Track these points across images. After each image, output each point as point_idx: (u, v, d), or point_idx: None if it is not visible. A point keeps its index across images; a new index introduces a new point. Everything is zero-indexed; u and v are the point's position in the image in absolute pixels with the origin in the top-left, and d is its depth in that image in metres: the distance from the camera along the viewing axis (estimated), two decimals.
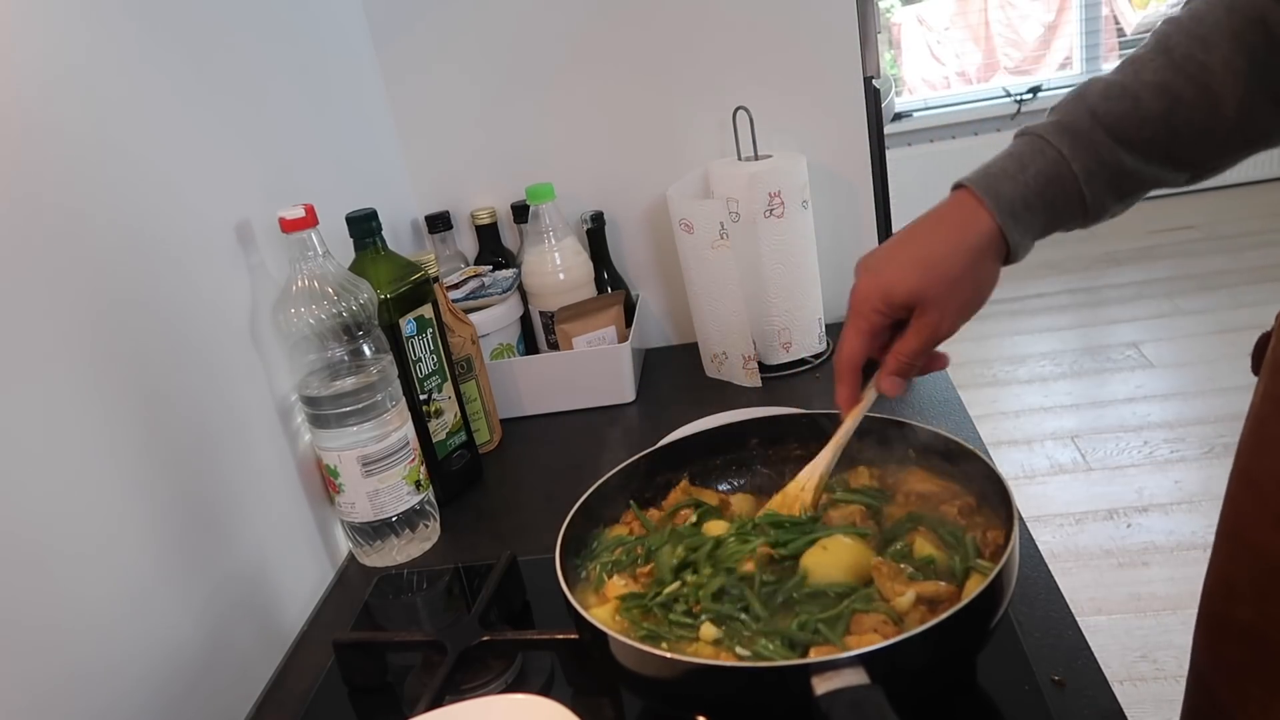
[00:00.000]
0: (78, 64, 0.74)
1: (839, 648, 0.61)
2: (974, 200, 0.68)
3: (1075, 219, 0.70)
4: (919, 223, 0.72)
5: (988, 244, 0.69)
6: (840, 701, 0.54)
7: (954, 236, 0.69)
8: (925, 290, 0.68)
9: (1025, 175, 0.68)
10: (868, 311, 0.70)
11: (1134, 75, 0.68)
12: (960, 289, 0.69)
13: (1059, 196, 0.68)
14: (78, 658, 0.67)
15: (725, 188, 1.20)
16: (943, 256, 0.68)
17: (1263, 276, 3.54)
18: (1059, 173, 0.68)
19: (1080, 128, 0.67)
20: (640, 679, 0.65)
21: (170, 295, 0.82)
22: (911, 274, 0.68)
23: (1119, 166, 0.68)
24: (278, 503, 0.94)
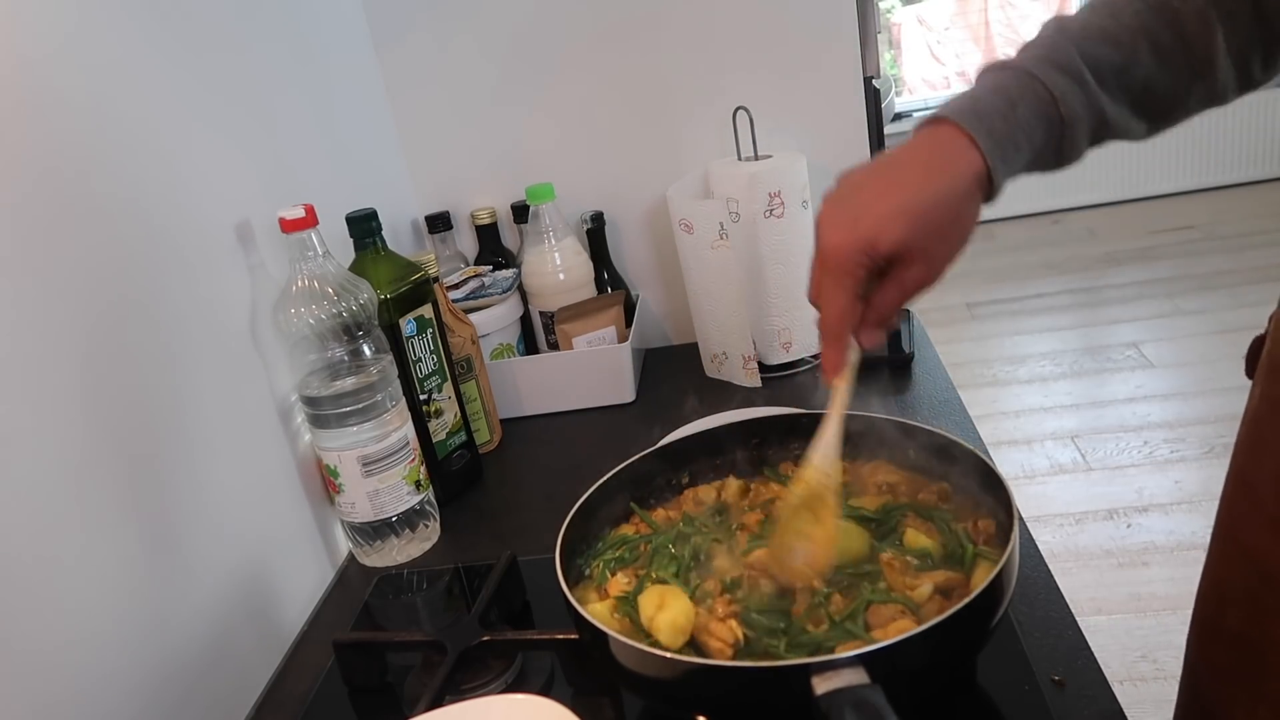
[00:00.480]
0: (79, 64, 0.74)
1: (865, 641, 0.61)
2: (963, 138, 0.63)
3: (1049, 163, 0.67)
4: (890, 164, 0.66)
5: (974, 186, 0.63)
6: (840, 701, 0.54)
7: (941, 180, 0.63)
8: (914, 242, 0.63)
9: (1016, 113, 0.63)
10: (852, 268, 0.63)
11: (1113, 18, 0.65)
12: (949, 238, 0.64)
13: (1042, 139, 0.65)
14: (77, 658, 0.67)
15: (725, 188, 1.20)
16: (931, 204, 0.63)
17: (1263, 276, 3.54)
18: (1048, 114, 0.64)
19: (1071, 66, 0.64)
20: (640, 679, 0.65)
21: (170, 295, 0.82)
22: (897, 224, 0.62)
23: (1100, 112, 0.65)
24: (278, 503, 0.94)
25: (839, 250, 0.63)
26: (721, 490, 0.83)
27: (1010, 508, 0.67)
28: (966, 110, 0.64)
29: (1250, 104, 4.23)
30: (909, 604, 0.64)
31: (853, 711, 0.53)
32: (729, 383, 1.26)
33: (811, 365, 1.27)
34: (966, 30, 4.62)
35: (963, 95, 0.66)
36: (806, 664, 0.56)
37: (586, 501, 0.78)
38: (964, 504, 0.74)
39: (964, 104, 0.64)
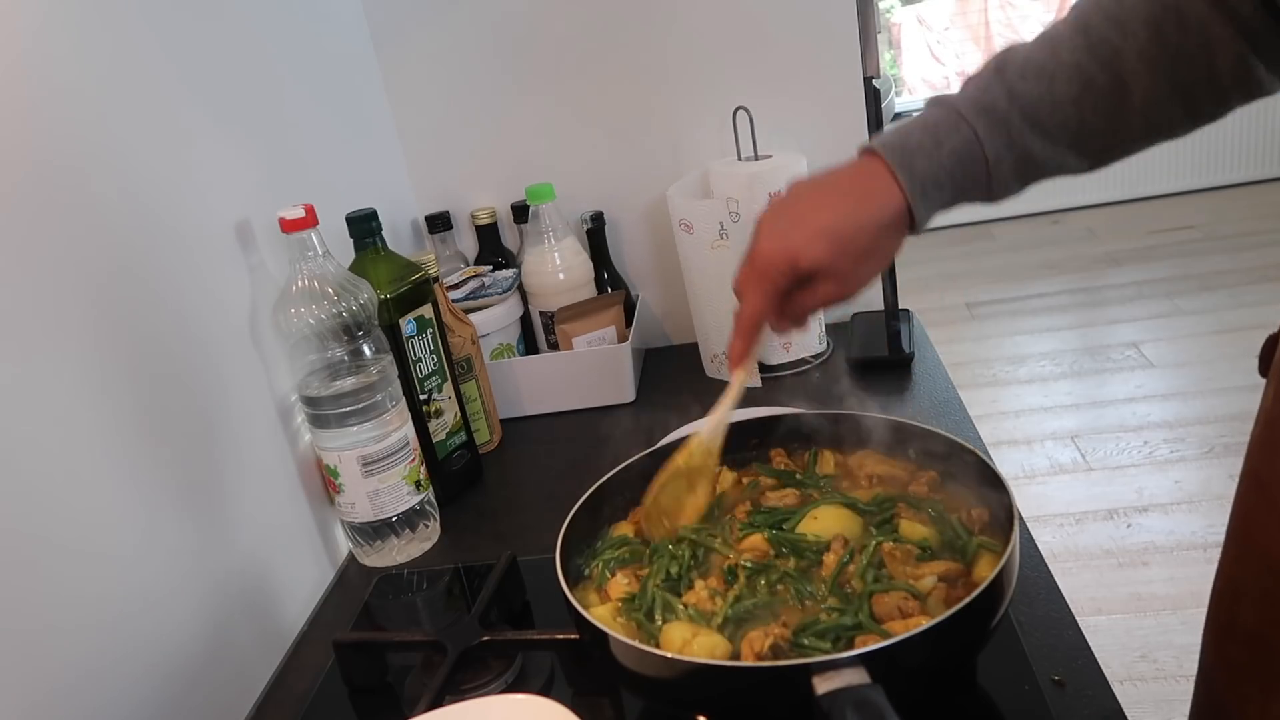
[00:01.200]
0: (79, 65, 0.74)
1: (879, 635, 0.61)
2: (887, 173, 0.68)
3: (978, 197, 0.70)
4: (827, 185, 0.71)
5: (896, 219, 0.68)
6: (841, 701, 0.54)
7: (864, 211, 0.68)
8: (833, 262, 0.68)
9: (940, 153, 0.67)
10: (774, 275, 0.69)
11: (1051, 54, 0.67)
12: (865, 263, 0.69)
13: (967, 176, 0.68)
14: (77, 658, 0.67)
15: (725, 188, 1.20)
16: (854, 231, 0.68)
17: (1263, 276, 3.54)
18: (971, 153, 0.67)
19: (998, 108, 0.67)
20: (640, 679, 0.65)
21: (170, 295, 0.82)
22: (819, 245, 0.68)
23: (1027, 152, 0.68)
24: (278, 503, 0.94)
25: (765, 257, 0.70)
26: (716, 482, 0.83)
27: (1010, 507, 0.67)
28: (895, 146, 0.68)
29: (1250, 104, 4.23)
30: (914, 592, 0.65)
31: (854, 711, 0.53)
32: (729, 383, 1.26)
33: (812, 365, 1.27)
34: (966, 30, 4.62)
35: (900, 126, 0.70)
36: (807, 664, 0.56)
37: (587, 501, 0.78)
38: (955, 494, 0.75)
39: (896, 138, 0.69)
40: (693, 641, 0.64)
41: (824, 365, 1.27)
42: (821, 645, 0.62)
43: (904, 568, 0.68)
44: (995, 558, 0.65)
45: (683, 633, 0.65)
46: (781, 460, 0.85)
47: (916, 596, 0.64)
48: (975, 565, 0.68)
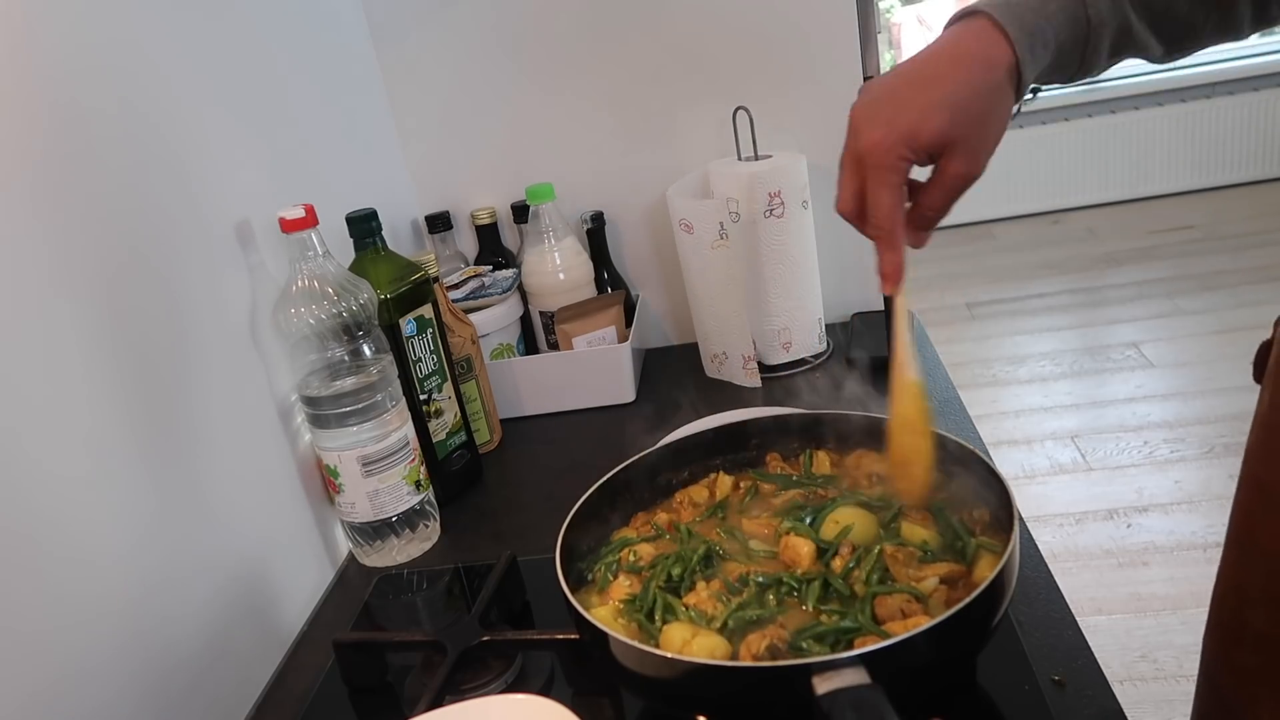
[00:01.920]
0: (76, 62, 0.74)
1: (879, 636, 0.61)
2: (995, 31, 0.63)
3: (1070, 69, 0.68)
4: (927, 60, 0.66)
5: (1008, 77, 0.64)
6: (841, 701, 0.54)
7: (976, 72, 0.63)
8: (954, 132, 0.63)
9: (1047, 9, 0.64)
10: (895, 161, 0.63)
11: None
12: (987, 127, 0.64)
13: (1069, 40, 0.65)
14: (77, 658, 0.67)
15: (725, 188, 1.20)
16: (969, 95, 0.63)
17: (1263, 276, 3.54)
18: (1077, 15, 0.64)
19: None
20: (640, 679, 0.65)
21: (170, 295, 0.81)
22: (937, 117, 0.62)
23: (1125, 21, 0.66)
24: (278, 503, 0.94)
25: (880, 146, 0.63)
26: (713, 488, 0.83)
27: (1010, 506, 0.67)
28: (1000, 2, 0.64)
29: (1250, 104, 4.24)
30: (916, 594, 0.65)
31: (853, 711, 0.53)
32: (729, 383, 1.26)
33: (812, 365, 1.27)
34: None
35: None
36: (808, 664, 0.56)
37: (588, 501, 0.78)
38: (957, 494, 0.75)
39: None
40: (692, 642, 0.64)
41: (824, 365, 1.27)
42: (819, 648, 0.62)
43: (905, 570, 0.68)
44: (995, 558, 0.65)
45: (682, 633, 0.65)
46: (777, 464, 0.85)
47: (918, 598, 0.64)
48: (976, 566, 0.68)
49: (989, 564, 0.66)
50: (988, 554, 0.68)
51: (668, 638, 0.65)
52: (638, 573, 0.74)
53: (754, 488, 0.82)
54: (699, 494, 0.83)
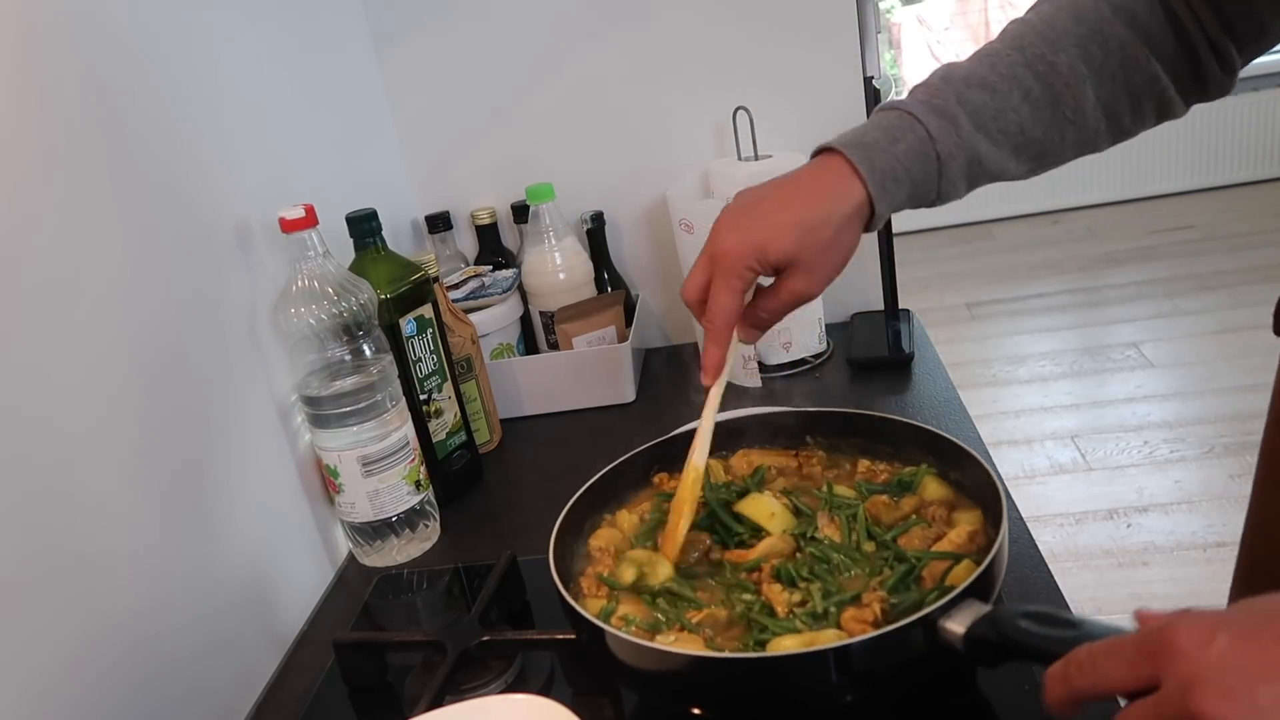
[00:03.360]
0: (81, 63, 0.74)
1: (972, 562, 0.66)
2: (848, 168, 0.69)
3: (928, 198, 0.73)
4: (788, 184, 0.72)
5: (857, 211, 0.70)
6: (985, 629, 0.56)
7: (828, 202, 0.69)
8: (800, 253, 0.69)
9: (896, 149, 0.70)
10: (741, 269, 0.70)
11: (991, 68, 0.72)
12: (831, 254, 0.70)
13: (920, 174, 0.70)
14: (77, 658, 0.67)
15: (725, 188, 1.20)
16: (818, 221, 0.69)
17: (1263, 276, 3.54)
18: (924, 152, 0.70)
19: (948, 110, 0.70)
20: (637, 673, 0.65)
21: (169, 295, 0.81)
22: (787, 236, 0.68)
23: (975, 153, 0.71)
24: (278, 503, 0.94)
25: (732, 253, 0.69)
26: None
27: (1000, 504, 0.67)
28: (854, 143, 0.70)
29: (1250, 104, 4.23)
30: (955, 556, 0.68)
31: (1026, 620, 0.54)
32: (729, 383, 1.26)
33: (812, 365, 1.27)
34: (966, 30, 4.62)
35: (854, 129, 0.72)
36: (928, 613, 0.57)
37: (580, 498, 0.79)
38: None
39: (853, 137, 0.71)
40: (816, 636, 0.64)
41: (824, 365, 1.27)
42: (929, 597, 0.64)
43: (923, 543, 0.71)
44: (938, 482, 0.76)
45: (792, 640, 0.64)
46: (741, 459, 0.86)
47: (957, 558, 0.68)
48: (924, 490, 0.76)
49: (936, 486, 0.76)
50: (930, 478, 0.76)
51: (779, 645, 0.65)
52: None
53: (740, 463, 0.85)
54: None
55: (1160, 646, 0.41)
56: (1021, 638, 0.54)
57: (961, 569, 0.66)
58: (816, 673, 0.59)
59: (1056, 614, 0.53)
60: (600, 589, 0.73)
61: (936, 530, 0.72)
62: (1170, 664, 0.41)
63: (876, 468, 0.81)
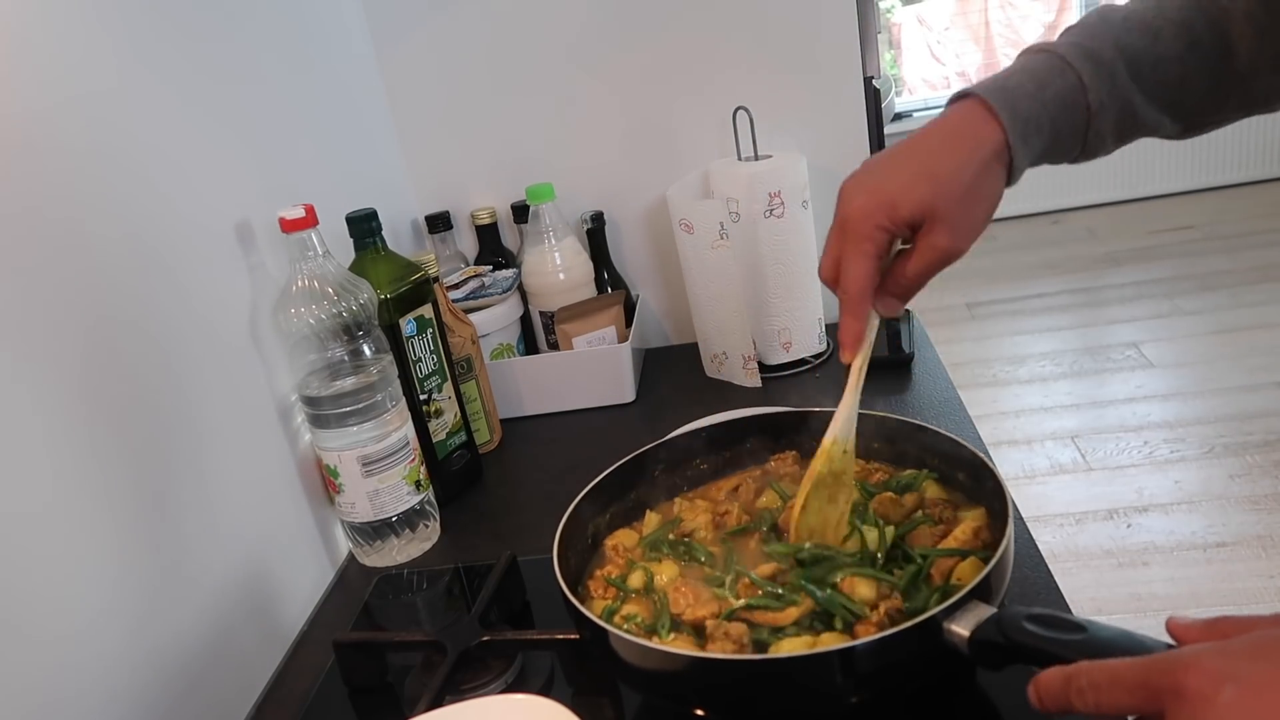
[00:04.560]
0: (77, 65, 0.74)
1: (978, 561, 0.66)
2: (986, 112, 0.63)
3: (1071, 152, 0.67)
4: (918, 137, 0.65)
5: (995, 157, 0.63)
6: (991, 630, 0.56)
7: (963, 149, 0.62)
8: (935, 204, 0.62)
9: (1043, 95, 0.63)
10: (872, 230, 0.62)
11: (1157, 10, 0.65)
12: (971, 204, 0.63)
13: (1066, 126, 0.64)
14: (77, 658, 0.67)
15: (725, 188, 1.20)
16: (953, 169, 0.62)
17: (1263, 276, 3.54)
18: (1074, 101, 0.63)
19: (1104, 56, 0.64)
20: (640, 673, 0.65)
21: (170, 296, 0.81)
22: (919, 187, 0.61)
23: (1129, 105, 0.64)
24: (278, 503, 0.94)
25: (859, 214, 0.63)
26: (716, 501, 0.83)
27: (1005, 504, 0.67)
28: (994, 87, 0.63)
29: None
30: (961, 552, 0.68)
31: (1031, 623, 0.54)
32: (729, 383, 1.26)
33: (812, 365, 1.27)
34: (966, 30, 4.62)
35: (996, 74, 0.65)
36: (933, 616, 0.57)
37: (585, 498, 0.78)
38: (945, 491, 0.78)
39: (994, 81, 0.64)
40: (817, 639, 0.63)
41: (824, 365, 1.27)
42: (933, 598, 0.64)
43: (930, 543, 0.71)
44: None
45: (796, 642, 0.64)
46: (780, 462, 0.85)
47: (965, 555, 0.68)
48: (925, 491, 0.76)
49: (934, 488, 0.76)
50: (929, 481, 0.77)
51: (782, 648, 0.64)
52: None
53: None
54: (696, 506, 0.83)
55: (1167, 689, 0.41)
56: (1027, 641, 0.53)
57: (966, 566, 0.66)
58: (821, 674, 0.59)
59: (1062, 617, 0.53)
60: (608, 590, 0.73)
61: (943, 528, 0.72)
62: (1176, 708, 0.41)
63: (870, 467, 0.81)
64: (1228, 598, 2.12)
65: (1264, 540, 2.26)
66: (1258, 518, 2.34)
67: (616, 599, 0.71)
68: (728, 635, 0.64)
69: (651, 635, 0.67)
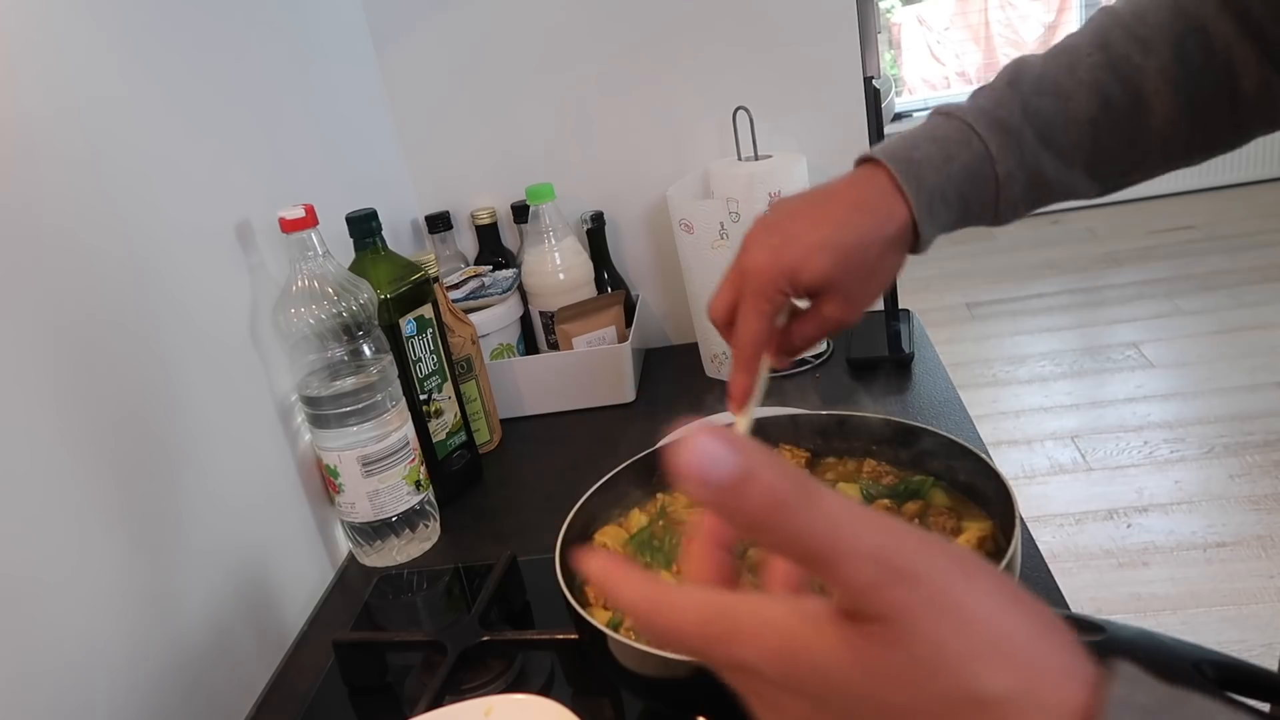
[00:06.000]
0: (77, 65, 0.74)
1: None
2: (891, 186, 0.63)
3: (983, 220, 0.66)
4: (828, 197, 0.65)
5: (901, 235, 0.63)
6: None
7: (868, 224, 0.62)
8: (835, 277, 0.62)
9: (949, 167, 0.63)
10: (772, 293, 0.62)
11: (1069, 70, 0.64)
12: (871, 280, 0.63)
13: (974, 197, 0.64)
14: (76, 659, 0.67)
15: (725, 188, 1.20)
16: (856, 245, 0.62)
17: (1263, 276, 3.54)
18: (981, 171, 0.63)
19: (1011, 124, 0.63)
20: (639, 679, 0.65)
21: (169, 296, 0.82)
22: (820, 259, 0.61)
23: (1039, 173, 0.64)
24: (278, 503, 0.94)
25: (762, 274, 0.62)
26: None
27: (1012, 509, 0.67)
28: (901, 157, 0.63)
29: None
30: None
31: None
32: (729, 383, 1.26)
33: (812, 365, 1.27)
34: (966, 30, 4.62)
35: (905, 136, 0.65)
36: None
37: (586, 503, 0.78)
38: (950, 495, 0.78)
39: (901, 149, 0.64)
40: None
41: (824, 365, 1.27)
42: None
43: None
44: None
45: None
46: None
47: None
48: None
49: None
50: (936, 488, 0.76)
51: None
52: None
53: None
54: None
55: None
56: None
57: None
58: None
59: (1080, 617, 0.52)
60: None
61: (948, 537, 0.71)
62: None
63: (881, 469, 0.81)
64: (1228, 598, 2.12)
65: (1264, 540, 2.26)
66: (1258, 518, 2.34)
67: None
68: None
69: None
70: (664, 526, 0.78)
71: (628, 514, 0.81)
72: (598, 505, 0.80)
